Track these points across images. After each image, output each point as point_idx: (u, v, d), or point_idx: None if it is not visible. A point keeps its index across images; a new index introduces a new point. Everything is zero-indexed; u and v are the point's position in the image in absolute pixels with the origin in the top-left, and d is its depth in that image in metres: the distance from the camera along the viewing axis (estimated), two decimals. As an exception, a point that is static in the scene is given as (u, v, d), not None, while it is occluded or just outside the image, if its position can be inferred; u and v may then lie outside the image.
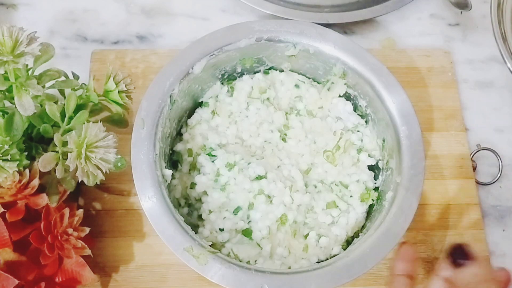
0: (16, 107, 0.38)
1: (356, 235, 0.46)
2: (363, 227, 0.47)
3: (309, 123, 0.49)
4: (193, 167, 0.48)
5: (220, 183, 0.46)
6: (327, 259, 0.44)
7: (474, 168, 0.53)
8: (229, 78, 0.51)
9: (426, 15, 0.62)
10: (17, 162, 0.38)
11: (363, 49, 0.47)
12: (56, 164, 0.38)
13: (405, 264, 0.37)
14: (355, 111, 0.51)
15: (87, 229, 0.42)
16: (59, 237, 0.40)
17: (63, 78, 0.43)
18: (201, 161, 0.47)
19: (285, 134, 0.49)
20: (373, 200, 0.47)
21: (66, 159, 0.37)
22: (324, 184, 0.47)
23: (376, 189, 0.48)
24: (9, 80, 0.38)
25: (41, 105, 0.41)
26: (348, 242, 0.46)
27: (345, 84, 0.49)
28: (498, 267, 0.36)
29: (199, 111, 0.50)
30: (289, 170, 0.47)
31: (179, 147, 0.48)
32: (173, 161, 0.49)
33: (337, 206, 0.46)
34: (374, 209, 0.47)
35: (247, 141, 0.48)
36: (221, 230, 0.45)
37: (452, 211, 0.51)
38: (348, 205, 0.46)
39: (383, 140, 0.47)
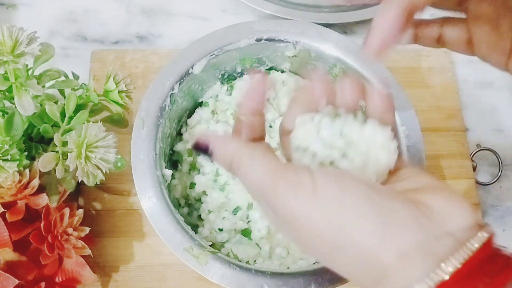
0: (16, 107, 0.38)
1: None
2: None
3: None
4: (193, 167, 0.48)
5: (219, 183, 0.46)
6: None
7: (474, 168, 0.53)
8: (229, 78, 0.51)
9: (426, 15, 0.62)
10: (17, 162, 0.38)
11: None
12: (56, 164, 0.38)
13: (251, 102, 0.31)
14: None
15: (87, 229, 0.42)
16: (59, 237, 0.40)
17: (63, 78, 0.43)
18: (201, 161, 0.47)
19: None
20: None
21: (66, 159, 0.37)
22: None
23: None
24: (9, 80, 0.38)
25: (41, 105, 0.41)
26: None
27: None
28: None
29: (199, 111, 0.50)
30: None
31: (179, 147, 0.48)
32: (173, 161, 0.49)
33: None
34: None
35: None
36: (221, 230, 0.45)
37: (452, 211, 0.51)
38: None
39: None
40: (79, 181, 0.38)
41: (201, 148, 0.28)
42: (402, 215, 0.23)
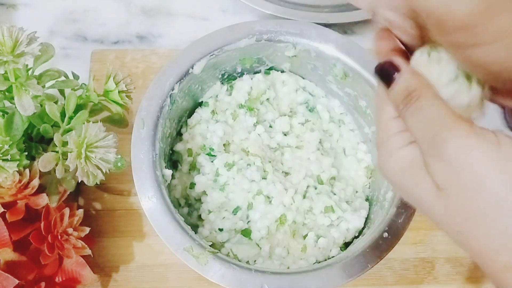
0: (16, 107, 0.38)
1: (354, 238, 0.46)
2: (361, 230, 0.47)
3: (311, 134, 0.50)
4: (193, 167, 0.48)
5: (219, 183, 0.46)
6: (325, 260, 0.44)
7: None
8: (229, 78, 0.51)
9: (426, 15, 0.62)
10: (17, 162, 0.38)
11: (363, 49, 0.47)
12: (56, 164, 0.38)
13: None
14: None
15: (87, 229, 0.42)
16: (59, 237, 0.40)
17: (63, 78, 0.43)
18: (201, 161, 0.47)
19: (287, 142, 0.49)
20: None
21: (66, 159, 0.37)
22: (323, 185, 0.47)
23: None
24: (9, 80, 0.38)
25: (41, 105, 0.41)
26: (347, 245, 0.46)
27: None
28: None
29: (199, 111, 0.50)
30: (289, 174, 0.47)
31: (179, 147, 0.48)
32: (173, 161, 0.49)
33: (334, 211, 0.46)
34: (373, 210, 0.47)
35: (242, 143, 0.48)
36: (221, 230, 0.45)
37: (452, 211, 0.51)
38: (344, 211, 0.46)
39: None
40: (79, 181, 0.38)
41: (384, 71, 0.27)
42: None
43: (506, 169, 0.22)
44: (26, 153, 0.40)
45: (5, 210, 0.39)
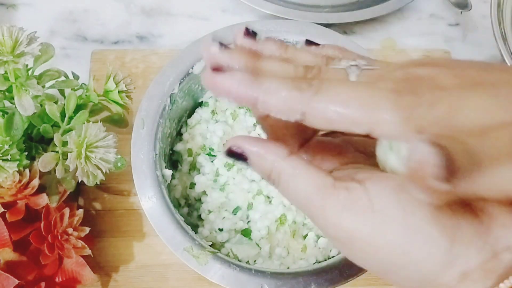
0: (16, 107, 0.38)
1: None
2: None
3: None
4: (193, 167, 0.48)
5: (219, 183, 0.46)
6: (325, 260, 0.44)
7: (474, 168, 0.53)
8: (229, 78, 0.51)
9: (426, 15, 0.62)
10: (17, 162, 0.38)
11: (363, 49, 0.47)
12: (56, 164, 0.38)
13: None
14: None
15: (87, 229, 0.42)
16: (59, 237, 0.40)
17: (63, 78, 0.43)
18: (201, 161, 0.47)
19: None
20: None
21: (66, 159, 0.37)
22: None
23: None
24: (9, 80, 0.38)
25: (41, 105, 0.41)
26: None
27: None
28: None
29: (199, 111, 0.50)
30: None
31: (179, 147, 0.48)
32: (173, 161, 0.49)
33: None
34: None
35: None
36: (221, 230, 0.45)
37: (452, 211, 0.51)
38: None
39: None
40: (79, 181, 0.38)
41: (235, 156, 0.25)
42: (466, 232, 0.21)
43: (381, 231, 0.22)
44: (26, 153, 0.40)
45: (5, 210, 0.39)
